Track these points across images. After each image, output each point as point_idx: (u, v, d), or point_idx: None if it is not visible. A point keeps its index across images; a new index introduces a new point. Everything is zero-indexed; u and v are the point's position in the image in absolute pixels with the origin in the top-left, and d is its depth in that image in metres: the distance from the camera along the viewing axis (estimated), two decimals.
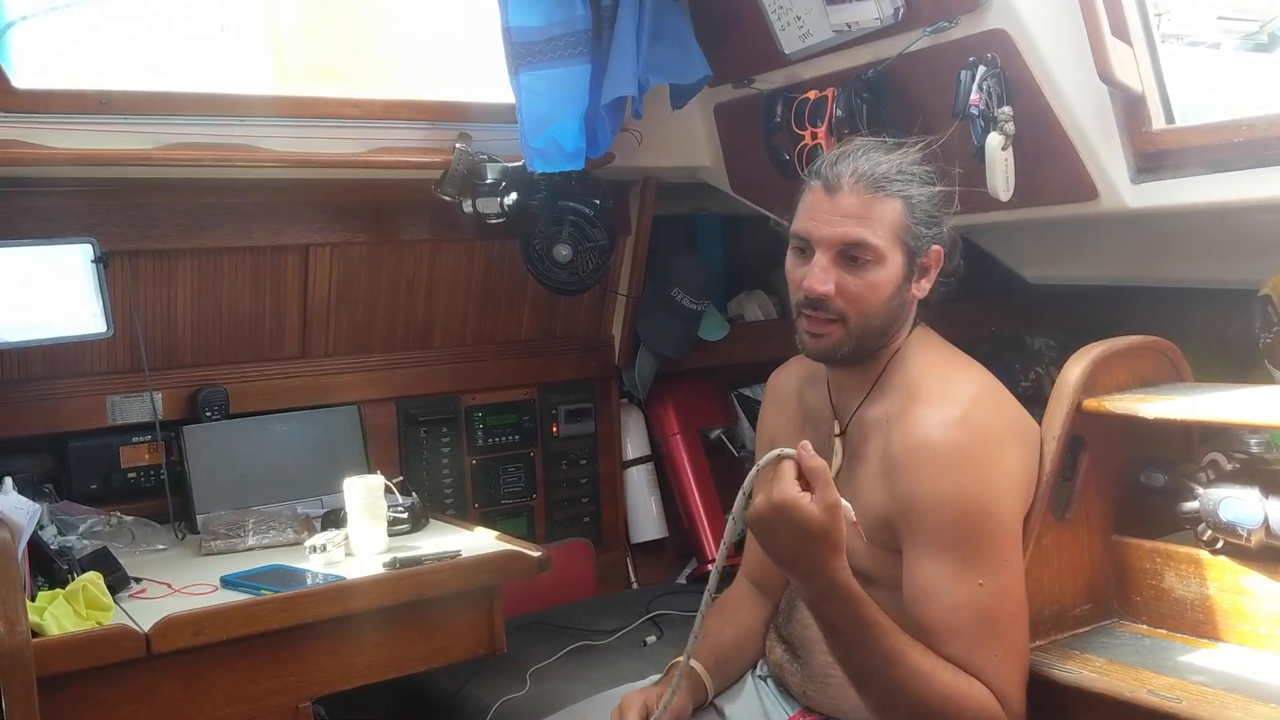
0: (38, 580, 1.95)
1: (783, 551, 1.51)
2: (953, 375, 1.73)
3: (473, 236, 2.86)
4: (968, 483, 1.61)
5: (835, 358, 1.73)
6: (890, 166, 1.69)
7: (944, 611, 1.58)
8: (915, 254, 1.70)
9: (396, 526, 2.38)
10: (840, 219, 1.66)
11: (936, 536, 1.60)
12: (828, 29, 2.30)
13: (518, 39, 2.44)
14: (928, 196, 1.70)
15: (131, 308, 2.47)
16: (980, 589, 1.58)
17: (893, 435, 1.68)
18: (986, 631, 1.58)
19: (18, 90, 2.17)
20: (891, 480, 1.66)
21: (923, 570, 1.61)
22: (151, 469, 2.57)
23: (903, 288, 1.70)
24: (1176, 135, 2.00)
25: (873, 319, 1.69)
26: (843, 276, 1.67)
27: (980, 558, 1.59)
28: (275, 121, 2.40)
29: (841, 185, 1.67)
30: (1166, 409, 1.74)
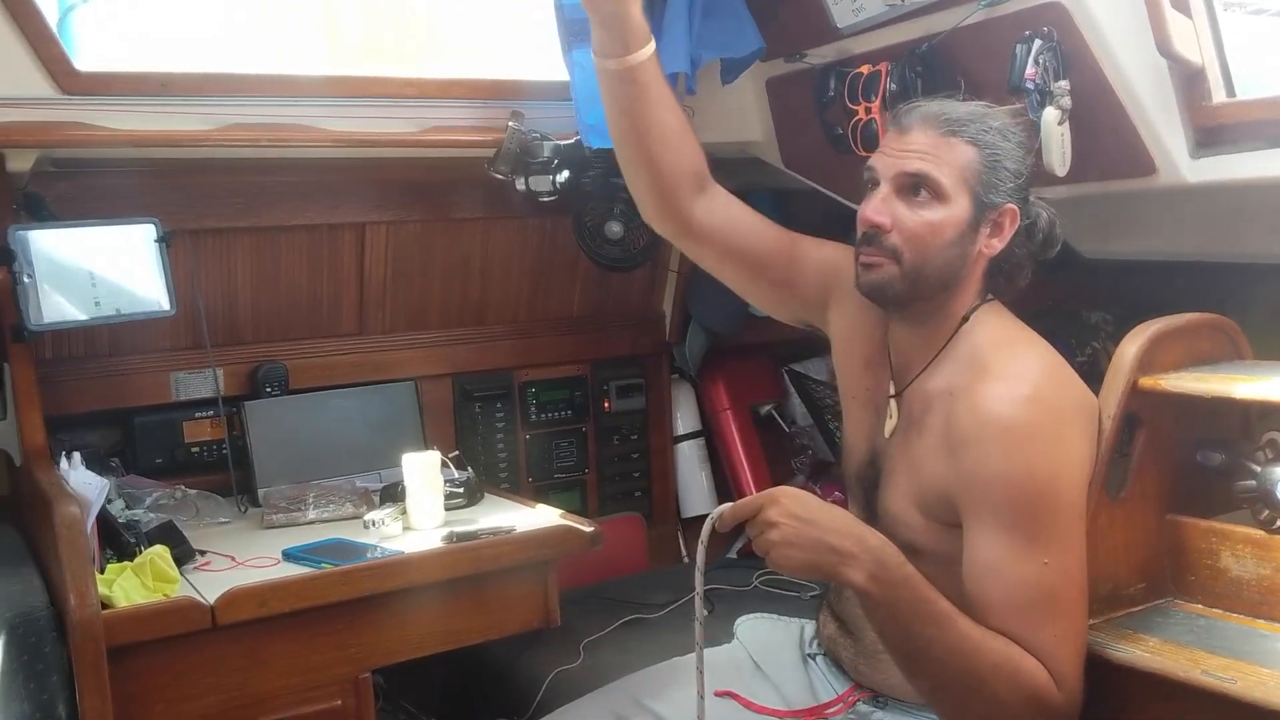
0: (106, 553, 2.01)
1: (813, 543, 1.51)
2: (1020, 351, 1.70)
3: (526, 214, 2.88)
4: (1036, 461, 1.59)
5: (887, 295, 1.70)
6: (964, 112, 1.68)
7: (1006, 589, 1.57)
8: (985, 205, 1.67)
9: (453, 501, 2.42)
10: (905, 152, 1.66)
11: (1002, 514, 1.58)
12: (880, 3, 2.27)
13: (571, 15, 2.43)
14: (1006, 152, 1.68)
15: (193, 285, 2.53)
16: (1045, 568, 1.57)
17: (957, 409, 1.66)
18: (1047, 611, 1.57)
19: (80, 73, 2.21)
20: (955, 456, 1.64)
21: (986, 547, 1.59)
22: (214, 444, 2.64)
23: (966, 236, 1.67)
24: (1237, 109, 1.95)
25: (929, 261, 1.66)
26: (901, 210, 1.66)
27: (1045, 537, 1.58)
28: (331, 101, 2.42)
29: (913, 124, 1.67)
30: (1223, 388, 1.72)
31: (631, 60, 1.81)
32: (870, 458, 1.83)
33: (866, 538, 1.54)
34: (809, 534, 1.51)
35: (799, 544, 1.51)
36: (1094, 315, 3.30)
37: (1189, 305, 1.90)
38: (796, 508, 1.52)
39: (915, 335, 1.76)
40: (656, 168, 1.91)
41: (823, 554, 1.52)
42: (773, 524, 1.51)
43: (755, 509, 1.54)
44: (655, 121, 1.86)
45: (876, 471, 1.80)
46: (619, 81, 1.83)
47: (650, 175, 1.92)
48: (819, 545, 1.51)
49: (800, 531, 1.51)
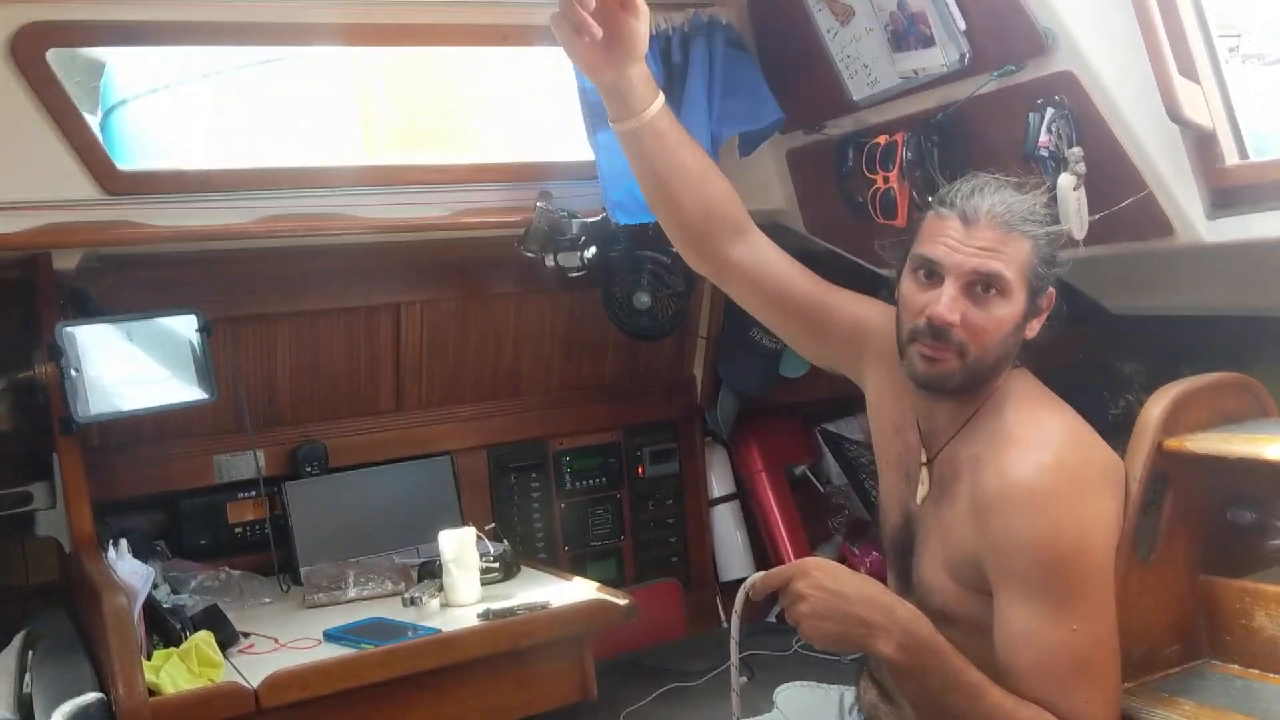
0: (153, 639, 2.06)
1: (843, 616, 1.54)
2: (1044, 420, 1.71)
3: (556, 288, 2.94)
4: (1062, 526, 1.60)
5: (945, 387, 1.72)
6: (1024, 207, 1.69)
7: (1036, 656, 1.57)
8: (1037, 294, 1.70)
9: (489, 575, 2.45)
10: (976, 250, 1.66)
11: (1029, 580, 1.59)
12: (895, 76, 2.32)
13: (594, 99, 2.50)
14: (1048, 238, 1.71)
15: (234, 371, 2.60)
16: (1074, 634, 1.57)
17: (982, 477, 1.67)
18: (1079, 677, 1.56)
19: (122, 173, 2.30)
20: (982, 523, 1.65)
21: (1015, 614, 1.59)
22: (257, 524, 2.70)
23: (1021, 327, 1.70)
24: (1251, 170, 1.97)
25: (989, 354, 1.68)
26: (969, 308, 1.66)
27: (1074, 602, 1.58)
28: (364, 190, 2.50)
29: (979, 218, 1.66)
30: (1250, 448, 1.72)
31: (644, 117, 1.86)
32: (904, 523, 1.84)
33: (895, 609, 1.55)
34: (838, 606, 1.53)
35: (828, 616, 1.53)
36: (1127, 367, 3.29)
37: (1219, 357, 1.91)
38: (825, 579, 1.55)
39: (946, 406, 1.77)
40: (683, 210, 1.95)
41: (851, 625, 1.53)
42: (802, 596, 1.53)
43: (785, 579, 1.56)
44: (677, 166, 1.91)
45: (910, 537, 1.82)
46: (636, 138, 1.89)
47: (680, 217, 1.96)
48: (848, 617, 1.53)
49: (829, 603, 1.53)
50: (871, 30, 2.31)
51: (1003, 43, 2.12)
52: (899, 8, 2.22)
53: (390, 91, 2.91)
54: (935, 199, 1.76)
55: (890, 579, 1.91)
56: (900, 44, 2.27)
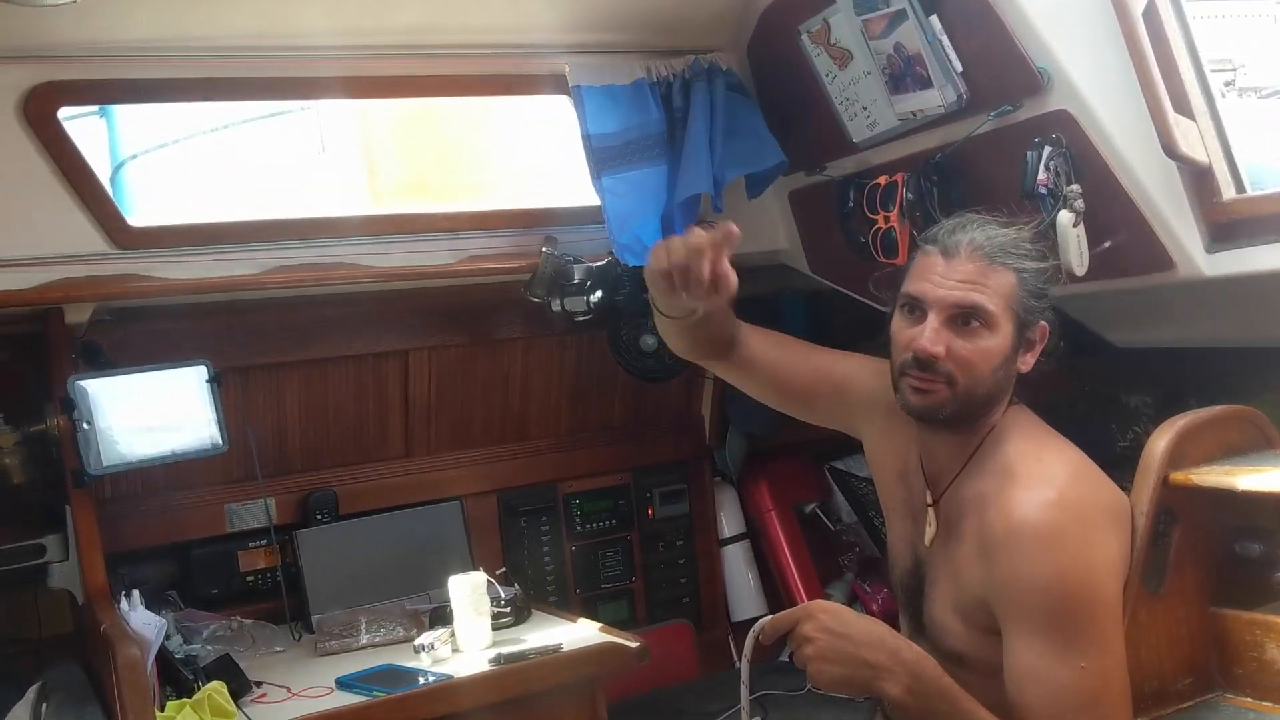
0: (166, 690, 2.07)
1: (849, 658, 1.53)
2: (1047, 457, 1.72)
3: (562, 331, 2.96)
4: (1067, 564, 1.60)
5: (938, 418, 1.73)
6: (1006, 240, 1.71)
7: (1044, 695, 1.57)
8: (1025, 326, 1.71)
9: (500, 620, 2.46)
10: (956, 283, 1.68)
11: (1037, 619, 1.59)
12: (894, 118, 2.35)
13: (597, 145, 2.54)
14: (1037, 271, 1.72)
15: (244, 420, 2.61)
16: (1083, 672, 1.56)
17: (988, 517, 1.68)
18: (1088, 715, 1.56)
19: (133, 228, 2.33)
20: (989, 563, 1.66)
21: (1023, 653, 1.60)
22: (268, 572, 2.71)
23: (1010, 359, 1.71)
24: (1248, 204, 1.99)
25: (979, 385, 1.70)
26: (953, 340, 1.68)
27: (1082, 640, 1.58)
28: (371, 240, 2.53)
29: (959, 252, 1.69)
30: (1255, 481, 1.72)
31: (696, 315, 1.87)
32: (914, 566, 1.84)
33: (901, 650, 1.55)
34: (843, 648, 1.53)
35: (834, 659, 1.53)
36: (1133, 399, 3.29)
37: (1225, 389, 1.91)
38: (831, 622, 1.55)
39: (946, 444, 1.79)
40: (702, 353, 2.02)
41: (857, 668, 1.53)
42: (808, 639, 1.53)
43: (793, 622, 1.56)
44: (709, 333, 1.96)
45: (920, 580, 1.82)
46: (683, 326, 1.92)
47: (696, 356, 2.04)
48: (853, 660, 1.53)
49: (834, 646, 1.53)
50: (869, 73, 2.34)
51: (999, 83, 2.15)
52: (895, 50, 2.25)
53: (395, 142, 2.95)
54: (921, 238, 1.80)
55: (902, 621, 1.91)
56: (898, 86, 2.30)
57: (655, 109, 2.56)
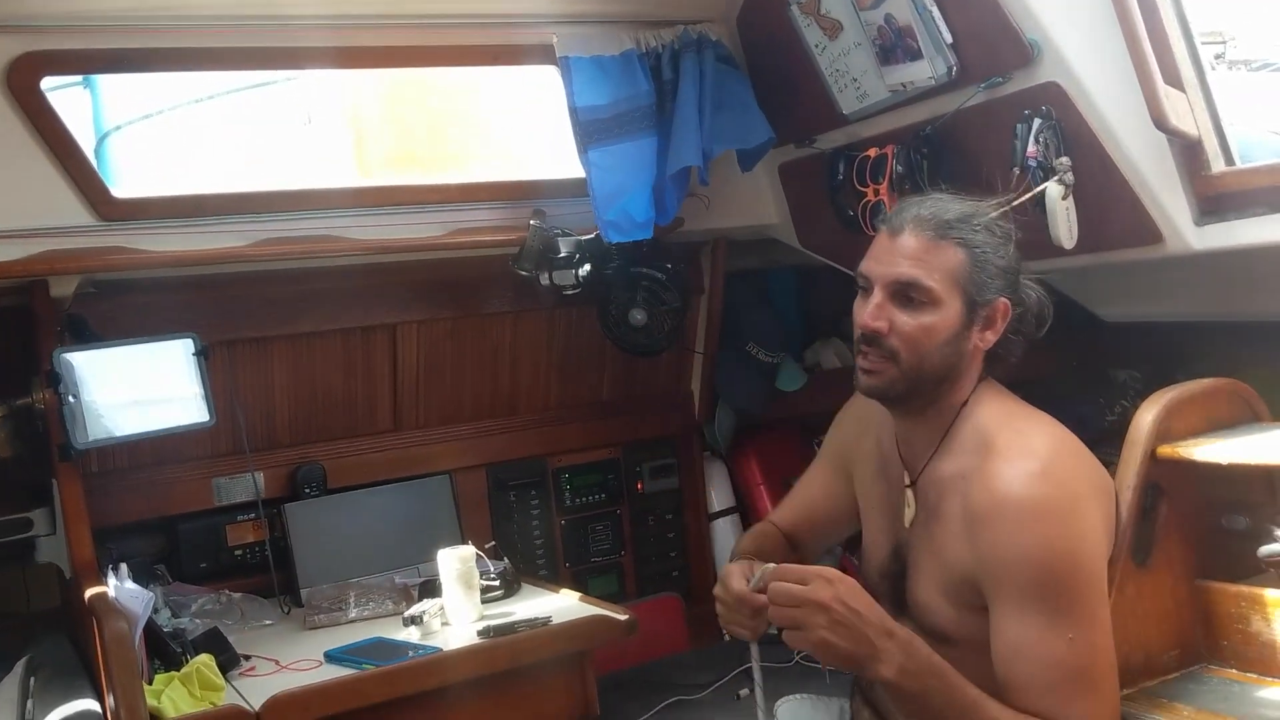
0: (154, 663, 2.07)
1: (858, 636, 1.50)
2: (1026, 429, 1.72)
3: (551, 306, 2.95)
4: (1053, 537, 1.60)
5: (889, 396, 1.75)
6: (954, 215, 1.71)
7: (1034, 668, 1.57)
8: (976, 303, 1.70)
9: (490, 593, 2.46)
10: (897, 259, 1.69)
11: (1024, 592, 1.59)
12: (884, 89, 2.34)
13: (585, 118, 2.53)
14: (993, 248, 1.71)
15: (231, 394, 2.60)
16: (1071, 643, 1.57)
17: (972, 492, 1.67)
18: (1077, 687, 1.56)
19: (118, 200, 2.32)
20: (974, 538, 1.65)
21: (1011, 627, 1.60)
22: (256, 546, 2.70)
23: (960, 335, 1.70)
24: (1237, 177, 1.99)
25: (925, 360, 1.70)
26: (897, 315, 1.69)
27: (1069, 612, 1.58)
28: (358, 212, 2.52)
29: (904, 229, 1.70)
30: (1241, 454, 1.74)
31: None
32: (893, 551, 1.84)
33: (896, 631, 1.54)
34: (855, 624, 1.50)
35: (844, 634, 1.49)
36: (1121, 374, 3.31)
37: (1212, 362, 1.92)
38: (847, 595, 1.51)
39: (919, 426, 1.79)
40: None
41: (860, 646, 1.50)
42: (824, 606, 1.49)
43: (802, 579, 1.52)
44: None
45: (902, 564, 1.82)
46: None
47: None
48: (861, 638, 1.50)
49: (848, 619, 1.50)
50: (859, 44, 2.33)
51: (989, 55, 2.14)
52: (886, 22, 2.24)
53: (383, 113, 2.93)
54: (879, 219, 1.82)
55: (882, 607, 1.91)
56: (888, 58, 2.29)
57: (644, 81, 2.55)
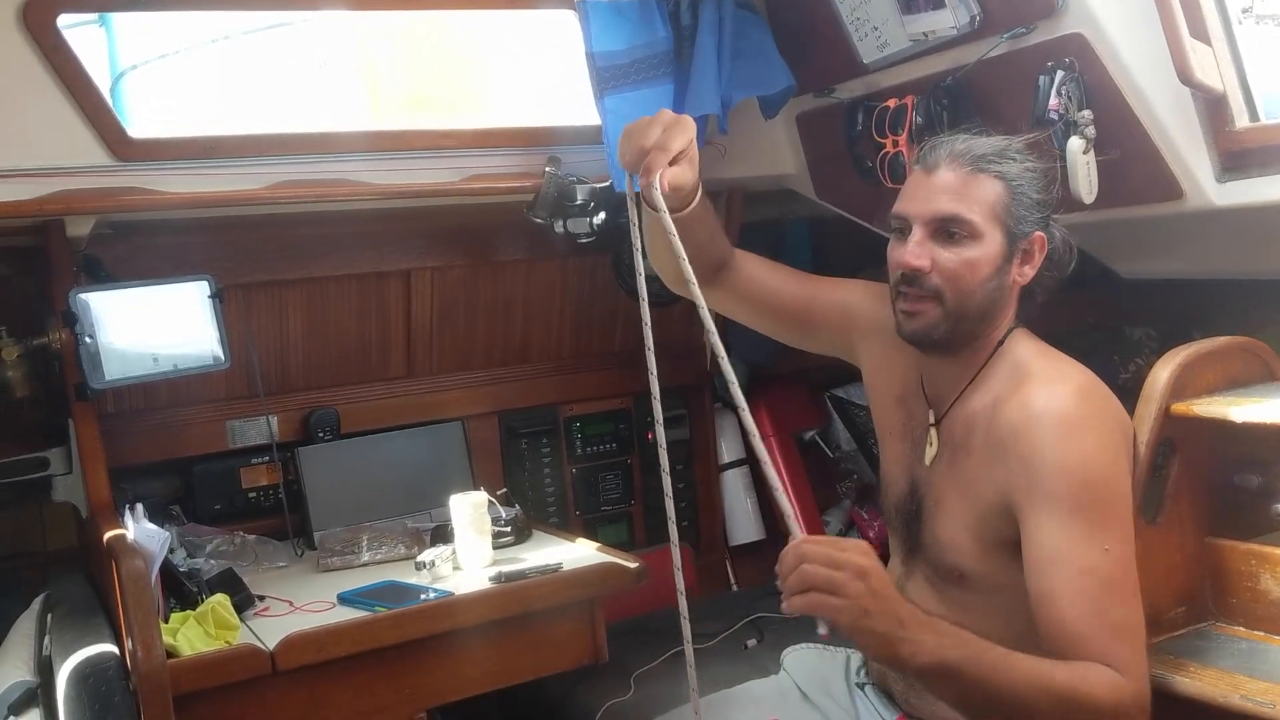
0: (170, 602, 2.09)
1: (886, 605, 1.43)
2: (1060, 361, 1.73)
3: (566, 254, 2.94)
4: (1092, 450, 1.59)
5: (932, 339, 1.72)
6: (989, 148, 1.70)
7: (1070, 576, 1.54)
8: (1016, 236, 1.69)
9: (501, 540, 2.48)
10: (935, 194, 1.68)
11: (1062, 501, 1.57)
12: (905, 38, 2.31)
13: (601, 63, 2.50)
14: (1029, 180, 1.70)
15: (246, 337, 2.61)
16: (1107, 554, 1.55)
17: (1005, 411, 1.66)
18: (1112, 598, 1.55)
19: (133, 140, 2.30)
20: (1007, 454, 1.64)
21: (1048, 538, 1.57)
22: (270, 489, 2.72)
23: (1002, 269, 1.70)
24: (1261, 133, 1.97)
25: (970, 298, 1.69)
26: (938, 252, 1.68)
27: (1105, 524, 1.57)
28: (373, 156, 2.51)
29: (939, 164, 1.69)
30: (1256, 413, 1.73)
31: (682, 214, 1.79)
32: (910, 489, 1.84)
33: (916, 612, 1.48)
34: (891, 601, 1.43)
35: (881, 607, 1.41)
36: (1136, 331, 3.30)
37: (1229, 321, 1.91)
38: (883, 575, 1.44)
39: (950, 364, 1.78)
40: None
41: (894, 627, 1.43)
42: (864, 572, 1.40)
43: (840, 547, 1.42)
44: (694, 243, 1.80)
45: (918, 503, 1.82)
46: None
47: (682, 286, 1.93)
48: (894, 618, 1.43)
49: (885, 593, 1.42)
50: None
51: (1013, 4, 2.11)
52: None
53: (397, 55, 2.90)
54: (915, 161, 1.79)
55: (894, 544, 1.92)
56: (910, 6, 2.26)
57: (662, 26, 2.52)
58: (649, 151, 1.64)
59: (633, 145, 1.66)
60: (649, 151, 1.64)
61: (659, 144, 1.65)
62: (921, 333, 1.72)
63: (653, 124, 1.67)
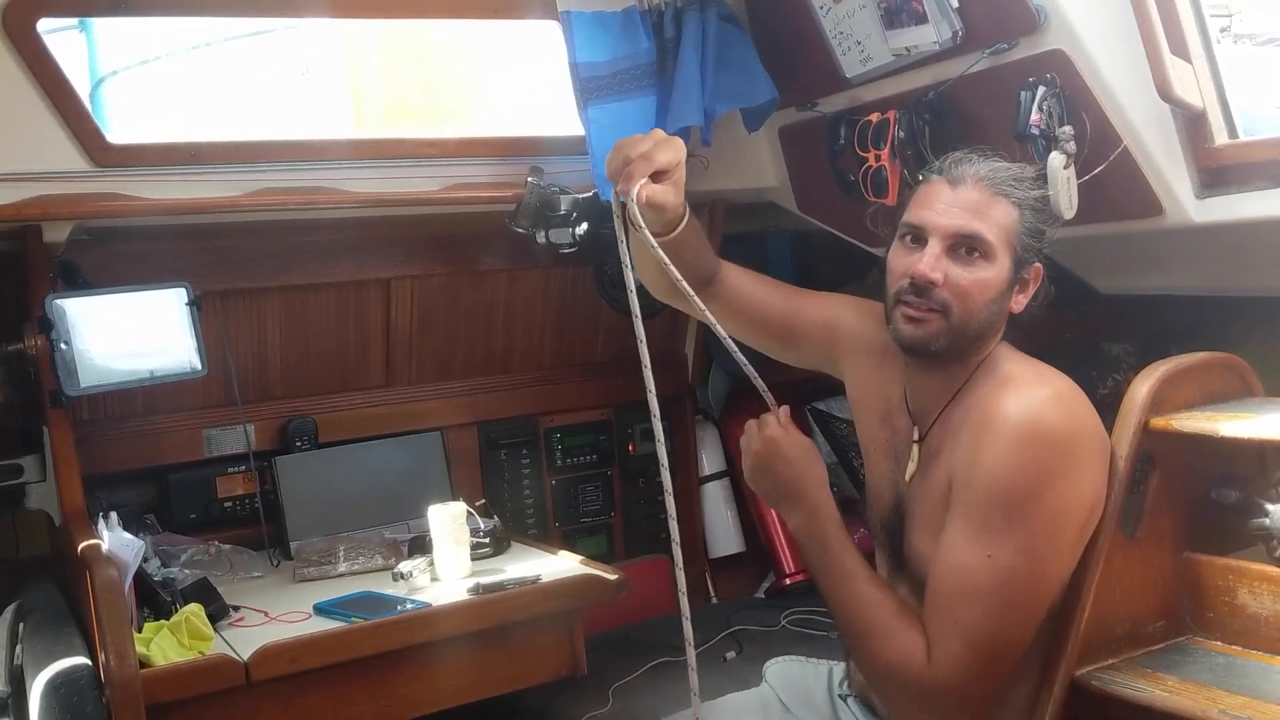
0: (144, 612, 2.07)
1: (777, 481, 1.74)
2: (1044, 370, 1.73)
3: (547, 264, 2.93)
4: (1029, 464, 1.60)
5: (929, 349, 1.72)
6: (1010, 174, 1.71)
7: (944, 571, 1.62)
8: (1021, 263, 1.71)
9: (479, 551, 2.46)
10: (960, 210, 1.68)
11: (973, 503, 1.61)
12: (888, 53, 2.32)
13: (585, 74, 2.50)
14: (1035, 212, 1.72)
15: (224, 345, 2.59)
16: (987, 561, 1.57)
17: (976, 414, 1.68)
18: (966, 599, 1.58)
19: (112, 145, 2.29)
20: (963, 449, 1.66)
21: (949, 530, 1.63)
22: (246, 498, 2.70)
23: (1005, 294, 1.70)
24: (1240, 150, 1.98)
25: (974, 317, 1.69)
26: (952, 268, 1.68)
27: (1003, 534, 1.58)
28: (355, 164, 2.50)
29: (965, 180, 1.69)
30: (1235, 428, 1.73)
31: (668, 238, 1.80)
32: (894, 503, 1.84)
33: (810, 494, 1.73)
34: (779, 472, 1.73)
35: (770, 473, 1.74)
36: (1115, 347, 3.31)
37: (1207, 337, 1.92)
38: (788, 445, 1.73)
39: (934, 380, 1.78)
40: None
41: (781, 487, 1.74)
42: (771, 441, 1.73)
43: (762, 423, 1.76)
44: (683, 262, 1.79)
45: (901, 517, 1.82)
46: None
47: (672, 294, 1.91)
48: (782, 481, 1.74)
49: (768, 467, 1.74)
50: (864, 7, 2.31)
51: (995, 20, 2.12)
52: None
53: (380, 64, 2.90)
54: (925, 169, 1.80)
55: (879, 559, 1.92)
56: (893, 21, 2.27)
57: (646, 38, 2.52)
58: (633, 160, 1.64)
59: (619, 154, 1.67)
60: (633, 160, 1.64)
61: (644, 155, 1.65)
62: (921, 342, 1.72)
63: (644, 138, 1.67)
